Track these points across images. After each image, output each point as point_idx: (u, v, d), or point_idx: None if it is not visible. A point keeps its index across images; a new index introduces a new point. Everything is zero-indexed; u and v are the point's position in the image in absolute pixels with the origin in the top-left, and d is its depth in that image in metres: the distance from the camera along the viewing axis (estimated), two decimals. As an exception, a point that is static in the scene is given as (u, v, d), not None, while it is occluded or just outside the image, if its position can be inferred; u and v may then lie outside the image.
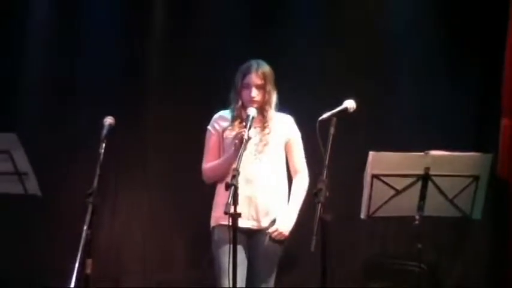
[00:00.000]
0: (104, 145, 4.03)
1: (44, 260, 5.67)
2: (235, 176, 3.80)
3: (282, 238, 4.40)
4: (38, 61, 6.04)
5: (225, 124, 4.47)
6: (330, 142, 3.80)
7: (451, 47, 5.64)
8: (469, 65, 5.61)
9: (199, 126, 4.65)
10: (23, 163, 4.21)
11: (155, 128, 5.99)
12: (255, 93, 4.39)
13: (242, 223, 4.17)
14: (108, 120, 4.19)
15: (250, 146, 4.28)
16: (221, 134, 4.46)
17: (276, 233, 4.38)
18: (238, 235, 3.97)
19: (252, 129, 4.24)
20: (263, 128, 4.43)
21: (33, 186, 4.27)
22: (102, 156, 3.97)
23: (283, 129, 4.49)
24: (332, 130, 3.86)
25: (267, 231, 4.39)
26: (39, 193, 4.31)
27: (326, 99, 4.16)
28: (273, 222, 4.40)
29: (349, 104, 4.03)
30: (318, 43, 5.79)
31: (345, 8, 5.78)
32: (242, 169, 4.00)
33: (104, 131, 4.12)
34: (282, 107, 4.52)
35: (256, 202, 4.35)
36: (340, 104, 4.02)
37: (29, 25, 6.04)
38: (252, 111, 4.21)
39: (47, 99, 5.99)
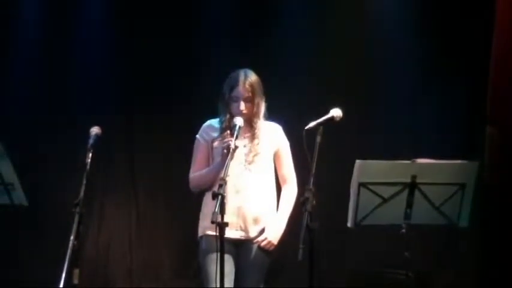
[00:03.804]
0: (90, 155, 4.02)
1: (31, 270, 5.64)
2: (221, 185, 3.78)
3: (271, 247, 4.39)
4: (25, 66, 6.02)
5: (214, 134, 4.45)
6: (317, 151, 3.81)
7: (439, 55, 5.66)
8: (457, 73, 5.62)
9: (187, 137, 4.64)
10: (9, 173, 4.18)
11: (143, 138, 5.98)
12: (243, 107, 4.37)
13: (230, 233, 4.18)
14: (95, 130, 4.17)
15: (240, 157, 4.28)
16: (210, 144, 4.44)
17: (264, 242, 4.37)
18: (226, 245, 3.95)
19: (242, 139, 4.24)
20: (252, 138, 4.42)
21: (19, 196, 4.24)
22: (88, 166, 3.96)
23: (272, 138, 4.48)
24: (318, 139, 3.86)
25: (255, 241, 4.38)
26: (25, 203, 4.28)
27: (312, 108, 4.15)
28: (262, 231, 4.39)
29: (336, 112, 4.03)
30: (304, 52, 5.80)
31: (331, 18, 5.79)
32: (231, 180, 3.98)
33: (91, 141, 4.11)
34: (268, 115, 4.51)
35: (244, 212, 4.34)
36: (327, 112, 4.03)
37: (17, 27, 6.02)
38: (238, 121, 4.20)
39: (32, 107, 5.97)
